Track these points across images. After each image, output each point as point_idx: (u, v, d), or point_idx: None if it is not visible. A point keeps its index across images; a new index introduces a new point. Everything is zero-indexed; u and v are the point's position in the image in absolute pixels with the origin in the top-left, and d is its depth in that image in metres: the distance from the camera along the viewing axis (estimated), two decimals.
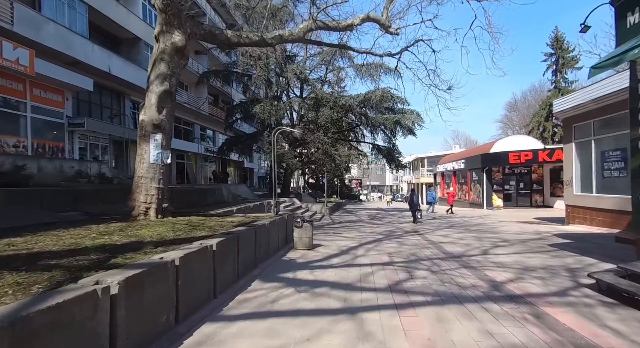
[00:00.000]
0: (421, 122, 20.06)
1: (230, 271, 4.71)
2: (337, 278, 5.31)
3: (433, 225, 13.73)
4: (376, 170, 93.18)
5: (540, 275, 5.38)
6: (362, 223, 14.58)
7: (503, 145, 22.87)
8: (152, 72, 6.84)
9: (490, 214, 18.94)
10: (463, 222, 14.76)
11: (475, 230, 11.63)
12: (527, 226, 12.54)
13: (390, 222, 15.53)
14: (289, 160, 17.82)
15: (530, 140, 23.52)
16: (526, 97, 49.15)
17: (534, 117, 37.59)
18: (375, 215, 19.98)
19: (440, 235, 10.40)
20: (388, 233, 11.19)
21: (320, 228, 12.51)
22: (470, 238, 9.57)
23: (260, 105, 17.65)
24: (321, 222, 15.09)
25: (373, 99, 18.72)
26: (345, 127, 22.68)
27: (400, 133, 21.80)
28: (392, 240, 9.61)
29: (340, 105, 19.29)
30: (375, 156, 23.40)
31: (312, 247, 8.06)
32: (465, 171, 26.93)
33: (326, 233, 11.13)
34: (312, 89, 18.79)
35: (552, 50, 35.26)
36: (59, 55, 14.57)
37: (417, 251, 7.72)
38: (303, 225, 7.94)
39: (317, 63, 20.54)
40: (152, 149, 6.81)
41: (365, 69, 20.39)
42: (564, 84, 34.97)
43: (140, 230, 5.18)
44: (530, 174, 22.97)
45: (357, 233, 11.12)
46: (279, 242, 7.72)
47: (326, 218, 16.90)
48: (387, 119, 20.43)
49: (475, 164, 24.54)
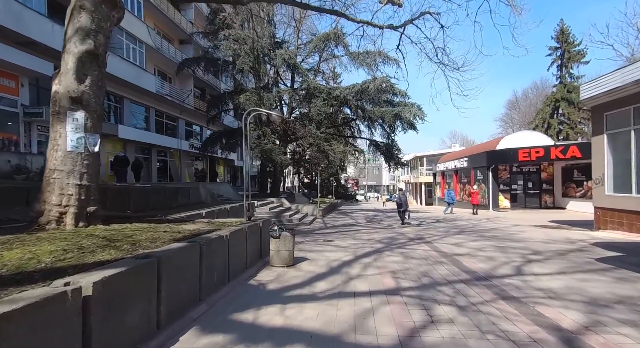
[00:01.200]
0: (423, 115, 18.32)
1: (135, 321, 2.84)
2: (319, 324, 3.49)
3: (439, 230, 11.96)
4: (372, 170, 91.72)
5: (625, 317, 3.60)
6: (358, 228, 12.78)
7: (510, 141, 21.18)
8: (68, 26, 4.96)
9: (498, 216, 17.22)
10: (472, 226, 13.01)
11: (491, 237, 9.86)
12: (551, 232, 10.80)
13: (390, 225, 13.74)
14: (278, 156, 16.00)
15: (539, 136, 21.86)
16: (527, 95, 47.69)
17: (537, 114, 36.03)
18: (373, 217, 18.20)
19: (452, 244, 8.62)
20: (389, 240, 9.39)
21: (309, 234, 10.69)
22: (491, 249, 7.80)
23: (246, 95, 15.83)
24: (311, 226, 13.27)
25: (371, 88, 16.95)
26: (340, 122, 20.91)
27: (400, 128, 20.06)
28: (395, 250, 7.81)
29: (334, 97, 17.51)
30: (372, 153, 21.62)
31: (293, 263, 6.24)
32: (468, 170, 25.22)
33: (315, 241, 9.31)
34: (304, 78, 16.97)
35: (558, 44, 33.68)
36: (10, 33, 12.63)
37: (429, 268, 5.93)
38: (281, 234, 6.11)
39: (309, 51, 18.71)
40: (70, 132, 4.95)
41: (362, 58, 18.61)
42: (570, 79, 33.42)
43: (19, 249, 3.34)
44: (539, 173, 21.30)
45: (352, 241, 9.31)
46: (249, 258, 5.89)
47: (318, 221, 15.09)
48: (385, 112, 18.67)
49: (479, 162, 22.84)
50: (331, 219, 16.55)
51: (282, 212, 14.07)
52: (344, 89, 17.61)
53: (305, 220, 13.87)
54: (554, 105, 33.88)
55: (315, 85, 17.34)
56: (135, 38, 19.73)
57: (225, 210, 10.52)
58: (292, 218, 13.28)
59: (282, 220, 12.85)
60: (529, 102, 47.20)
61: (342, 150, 18.76)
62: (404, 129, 19.70)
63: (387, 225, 13.66)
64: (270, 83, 18.52)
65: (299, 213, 15.37)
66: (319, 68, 20.05)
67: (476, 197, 19.11)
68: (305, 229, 12.04)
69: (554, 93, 34.22)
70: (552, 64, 34.51)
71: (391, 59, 18.52)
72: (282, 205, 16.06)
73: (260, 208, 13.45)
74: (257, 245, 6.54)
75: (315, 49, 18.63)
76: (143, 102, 21.50)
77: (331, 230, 12.06)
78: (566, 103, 32.93)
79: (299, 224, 13.03)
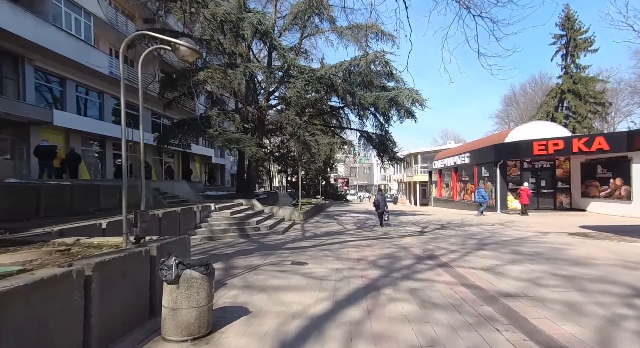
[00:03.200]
0: (422, 100, 15.43)
1: None
2: None
3: (452, 241, 9.03)
4: (364, 169, 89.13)
5: None
6: (346, 238, 9.78)
7: (521, 133, 18.46)
8: None
9: (512, 220, 14.44)
10: (490, 234, 10.15)
11: (533, 254, 6.96)
12: (604, 244, 7.96)
13: (386, 234, 10.78)
14: (248, 147, 12.92)
15: (553, 126, 19.15)
16: (526, 90, 45.44)
17: (540, 107, 33.60)
18: (364, 221, 15.25)
19: (483, 269, 5.68)
20: (387, 262, 6.41)
21: (276, 250, 7.65)
22: (552, 281, 4.89)
23: (207, 72, 12.70)
24: (284, 235, 10.20)
25: (362, 66, 14.00)
26: (326, 110, 17.91)
27: (395, 117, 17.14)
28: (400, 286, 4.83)
29: (317, 79, 14.50)
30: (363, 147, 18.67)
31: (208, 330, 3.18)
32: (470, 167, 22.49)
33: (279, 263, 6.27)
34: (280, 53, 13.90)
35: (563, 31, 31.22)
36: None
37: (475, 341, 2.96)
38: (181, 277, 3.05)
39: (288, 23, 15.62)
40: None
41: (351, 34, 15.65)
42: (575, 70, 31.02)
43: None
44: (553, 169, 18.64)
45: (334, 263, 6.31)
46: (113, 325, 2.82)
47: (296, 228, 12.06)
48: (379, 98, 15.73)
49: (485, 158, 20.10)
50: (313, 225, 13.53)
51: (248, 217, 11.00)
52: (330, 68, 14.61)
53: (278, 228, 10.82)
54: (560, 97, 31.48)
55: (295, 64, 14.29)
56: (80, 7, 16.43)
57: (155, 217, 7.41)
58: (259, 226, 10.22)
59: (245, 228, 9.79)
60: (528, 98, 44.96)
61: (328, 142, 15.76)
62: (401, 117, 16.79)
63: (383, 234, 10.69)
64: (243, 61, 15.37)
65: (272, 219, 12.31)
66: (300, 46, 16.99)
67: (526, 196, 16.44)
68: (274, 242, 8.99)
69: (559, 84, 31.77)
70: (556, 53, 32.05)
71: (386, 34, 15.61)
72: (252, 209, 12.98)
73: (218, 213, 10.36)
74: (144, 293, 3.48)
75: (296, 22, 15.57)
76: (94, 86, 18.18)
77: (309, 242, 9.03)
78: (572, 95, 30.55)
79: (268, 234, 9.98)
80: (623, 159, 14.85)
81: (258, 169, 17.20)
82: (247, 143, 13.09)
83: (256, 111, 15.42)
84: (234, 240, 8.94)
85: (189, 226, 8.84)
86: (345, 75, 15.13)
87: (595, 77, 30.56)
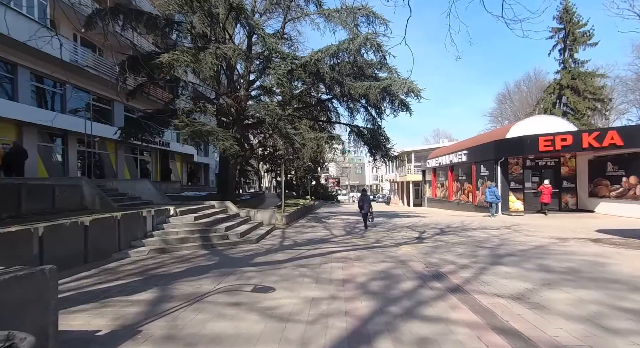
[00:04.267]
0: (418, 90, 13.89)
1: None
2: None
3: (459, 251, 7.48)
4: (356, 169, 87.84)
5: None
6: (331, 248, 8.16)
7: (523, 128, 17.09)
8: None
9: (519, 224, 13.01)
10: (501, 242, 8.66)
11: (568, 271, 5.44)
12: None
13: (379, 241, 9.20)
14: (221, 141, 11.22)
15: (558, 121, 17.80)
16: (520, 87, 44.51)
17: (538, 103, 32.48)
18: (355, 225, 13.67)
19: (512, 298, 4.12)
20: (382, 286, 4.81)
21: (238, 266, 5.98)
22: (623, 319, 3.35)
23: (173, 54, 10.99)
24: (257, 245, 8.50)
25: (351, 50, 12.40)
26: (312, 102, 16.29)
27: (388, 110, 15.61)
28: (403, 332, 3.21)
29: (302, 66, 12.89)
30: (354, 143, 17.08)
31: None
32: (468, 165, 21.11)
33: (234, 290, 4.60)
34: (259, 34, 12.23)
35: (560, 25, 30.10)
36: None
37: None
38: None
39: (268, 3, 13.93)
40: None
41: (339, 16, 14.05)
42: (574, 64, 29.92)
43: None
44: (558, 167, 17.32)
45: (310, 289, 4.67)
46: None
47: (275, 235, 10.39)
48: (370, 88, 14.15)
49: (484, 155, 18.71)
50: (296, 230, 11.89)
51: (217, 222, 9.29)
52: (315, 53, 12.97)
53: (252, 235, 9.15)
54: (558, 93, 30.37)
55: (277, 49, 12.61)
56: None
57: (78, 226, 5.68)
58: (229, 233, 8.53)
59: (209, 237, 8.10)
60: (522, 95, 44.04)
61: (315, 137, 14.13)
62: (394, 110, 15.23)
63: (375, 242, 9.10)
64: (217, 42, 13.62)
65: (248, 223, 10.63)
66: (283, 30, 15.34)
67: (548, 194, 15.15)
68: (241, 254, 7.32)
69: (557, 80, 30.63)
70: (553, 48, 30.93)
71: (378, 17, 14.07)
72: (225, 212, 11.27)
73: (178, 218, 8.64)
74: None
75: (278, 1, 13.91)
76: (53, 74, 16.25)
77: (285, 254, 7.38)
78: (571, 91, 29.46)
79: (238, 243, 8.29)
80: (638, 155, 13.55)
81: (237, 167, 15.48)
82: (220, 136, 11.37)
83: (234, 102, 13.73)
84: (192, 253, 7.25)
85: (134, 235, 7.14)
86: (334, 62, 13.53)
87: (594, 71, 29.52)
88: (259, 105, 11.63)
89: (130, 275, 5.33)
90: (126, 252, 6.56)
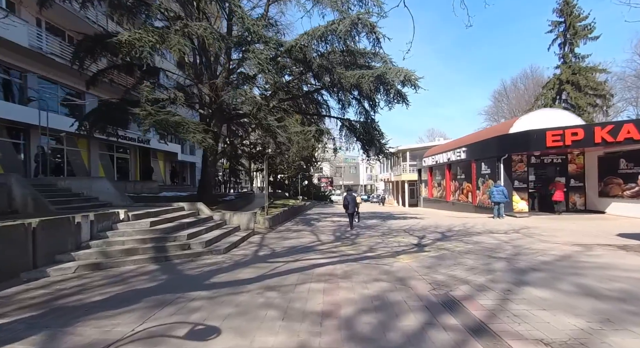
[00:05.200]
0: (416, 79, 12.52)
1: None
2: None
3: (468, 264, 6.11)
4: (350, 168, 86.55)
5: None
6: (314, 258, 6.74)
7: (528, 122, 15.82)
8: None
9: (528, 227, 11.72)
10: (516, 251, 7.32)
11: (622, 294, 4.09)
12: None
13: (372, 249, 7.81)
14: (192, 134, 9.73)
15: (565, 114, 16.52)
16: (517, 85, 43.54)
17: (537, 99, 31.39)
18: (346, 228, 12.27)
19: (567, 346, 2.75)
20: (375, 324, 3.39)
21: (184, 290, 4.49)
22: None
23: (135, 33, 9.48)
24: (224, 257, 7.01)
25: (340, 31, 10.98)
26: (299, 93, 14.83)
27: (383, 102, 14.22)
28: None
29: (287, 51, 11.48)
30: (345, 139, 15.68)
31: None
32: (467, 163, 19.85)
33: (159, 335, 3.14)
34: (239, 15, 10.75)
35: (560, 18, 29.01)
36: None
37: None
38: None
39: None
40: None
41: None
42: (574, 59, 28.85)
43: None
44: (565, 165, 16.09)
45: (272, 332, 3.23)
46: None
47: (252, 242, 8.93)
48: (363, 76, 12.78)
49: (486, 152, 17.45)
50: (279, 236, 10.44)
51: (180, 228, 7.81)
52: (302, 36, 11.52)
53: (222, 243, 7.70)
54: (558, 88, 29.30)
55: (258, 32, 11.14)
56: None
57: None
58: (192, 242, 7.06)
59: (166, 247, 6.64)
60: (519, 93, 43.07)
61: (301, 131, 12.71)
62: (389, 102, 13.82)
63: (367, 251, 7.71)
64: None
65: (221, 228, 9.16)
66: (267, 13, 13.86)
67: (562, 191, 13.99)
68: (198, 270, 5.85)
69: (557, 75, 29.54)
70: (553, 42, 29.84)
71: None
72: (195, 215, 9.78)
73: (128, 224, 7.14)
74: None
75: None
76: (13, 62, 14.61)
77: (254, 270, 5.94)
78: (572, 86, 28.39)
79: (202, 253, 6.83)
80: None
81: (216, 164, 13.99)
82: (192, 128, 9.88)
83: (210, 91, 12.25)
84: (136, 269, 5.78)
85: (62, 248, 5.65)
86: (323, 48, 12.13)
87: (595, 66, 28.43)
88: (235, 92, 10.12)
89: (24, 309, 3.85)
90: (44, 271, 5.08)
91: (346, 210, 12.31)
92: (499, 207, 14.49)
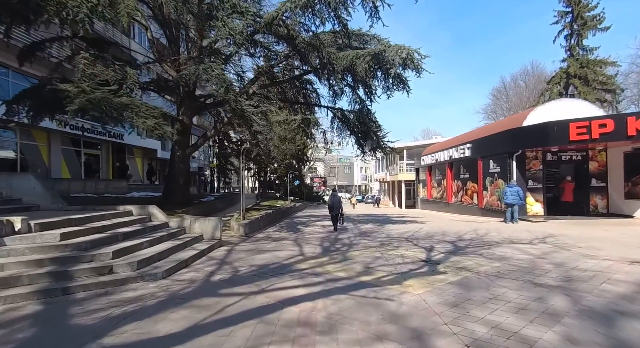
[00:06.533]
0: (420, 59, 10.62)
1: None
2: None
3: (508, 297, 4.16)
4: (344, 168, 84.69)
5: None
6: (288, 287, 4.76)
7: (544, 114, 13.96)
8: None
9: (552, 234, 9.86)
10: (563, 273, 5.43)
11: None
12: None
13: (370, 269, 5.85)
14: (143, 118, 7.72)
15: (584, 105, 14.58)
16: (517, 81, 41.99)
17: (542, 95, 29.72)
18: (337, 236, 10.30)
19: None
20: None
21: None
22: None
23: None
24: (161, 284, 4.94)
25: None
26: (282, 78, 12.83)
27: (380, 88, 12.32)
28: None
29: (266, 25, 9.50)
30: (337, 132, 13.75)
31: None
32: (472, 161, 18.01)
33: None
34: None
35: (568, 8, 27.36)
36: None
37: None
38: None
39: None
40: None
41: None
42: (582, 52, 27.22)
43: None
44: (585, 163, 14.30)
45: None
46: None
47: (212, 257, 6.90)
48: (357, 57, 10.88)
49: (494, 148, 15.61)
50: (252, 247, 8.42)
51: (110, 241, 5.76)
52: (284, 5, 9.52)
53: (163, 264, 5.65)
54: (565, 82, 27.68)
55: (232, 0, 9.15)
56: None
57: None
58: (115, 262, 5.02)
59: (71, 272, 4.58)
60: (519, 90, 41.53)
61: (284, 120, 10.76)
62: (388, 88, 11.94)
63: (362, 272, 5.73)
64: None
65: (175, 239, 7.11)
66: None
67: (571, 192, 12.34)
68: (96, 316, 3.81)
69: (564, 68, 27.89)
70: (559, 34, 28.18)
71: None
72: (144, 221, 7.72)
73: (27, 237, 5.08)
74: None
75: None
76: None
77: (191, 312, 3.94)
78: (580, 81, 26.75)
79: (127, 280, 4.77)
80: None
81: (186, 160, 11.92)
82: (142, 112, 7.83)
83: (174, 71, 10.20)
84: (4, 312, 3.75)
85: None
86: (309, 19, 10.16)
87: (605, 59, 26.79)
88: (197, 67, 8.09)
89: None
90: None
91: (330, 212, 11.85)
92: (513, 209, 12.61)
